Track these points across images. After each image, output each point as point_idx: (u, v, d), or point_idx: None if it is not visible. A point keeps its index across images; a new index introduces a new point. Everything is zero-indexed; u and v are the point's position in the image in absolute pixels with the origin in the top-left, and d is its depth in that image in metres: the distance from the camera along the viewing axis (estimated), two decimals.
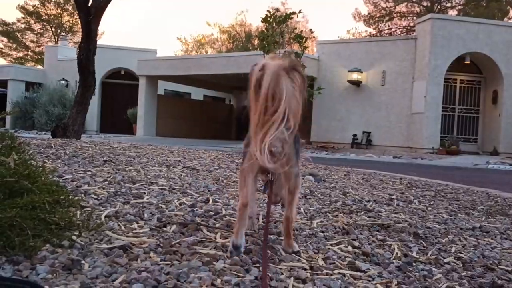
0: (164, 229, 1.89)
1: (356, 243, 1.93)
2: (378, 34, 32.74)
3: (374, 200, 3.35)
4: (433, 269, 1.69)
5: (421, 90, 17.02)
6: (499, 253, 2.03)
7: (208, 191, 2.98)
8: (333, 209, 2.79)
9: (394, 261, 1.74)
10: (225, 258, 1.57)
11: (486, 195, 4.79)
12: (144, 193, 2.58)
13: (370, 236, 2.11)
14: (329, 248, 1.83)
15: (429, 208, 3.26)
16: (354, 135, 18.74)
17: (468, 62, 17.26)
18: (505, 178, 9.31)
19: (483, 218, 3.09)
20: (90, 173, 3.09)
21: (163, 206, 2.32)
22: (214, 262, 1.51)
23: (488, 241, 2.28)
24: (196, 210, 2.31)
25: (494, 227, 2.72)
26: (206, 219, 2.13)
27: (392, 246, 1.94)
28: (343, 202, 3.11)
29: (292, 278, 1.43)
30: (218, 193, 2.92)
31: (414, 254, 1.87)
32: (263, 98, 1.42)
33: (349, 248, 1.86)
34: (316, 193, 3.41)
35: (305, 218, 2.43)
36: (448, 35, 16.72)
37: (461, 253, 1.98)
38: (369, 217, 2.67)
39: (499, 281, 1.56)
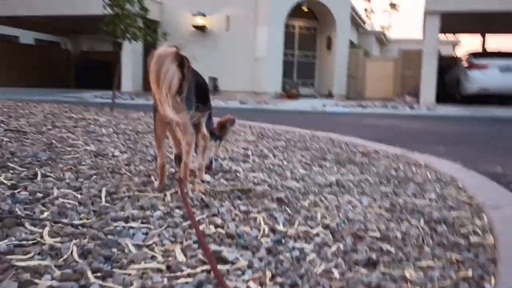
0: None
1: (219, 220, 1.69)
2: None
3: (230, 157, 3.16)
4: (304, 245, 1.52)
5: (263, 35, 17.33)
6: (362, 214, 1.96)
7: (37, 161, 2.45)
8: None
9: (262, 240, 1.54)
10: (53, 270, 1.19)
11: (330, 140, 4.96)
12: None
13: (232, 208, 1.88)
14: (188, 233, 1.55)
15: (285, 163, 3.17)
16: None
17: (306, 9, 17.96)
18: (340, 119, 10.00)
19: (335, 170, 3.10)
20: None
21: None
22: (37, 280, 1.12)
23: (348, 200, 2.23)
24: (18, 193, 1.83)
25: (348, 180, 2.72)
26: (31, 207, 1.68)
27: (258, 220, 1.74)
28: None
29: None
30: (50, 164, 2.42)
31: (281, 227, 1.69)
32: (152, 76, 1.86)
33: (212, 228, 1.61)
34: None
35: (157, 192, 2.10)
36: None
37: (326, 218, 1.86)
38: (227, 180, 2.45)
39: (374, 255, 1.45)
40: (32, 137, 3.23)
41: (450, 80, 16.22)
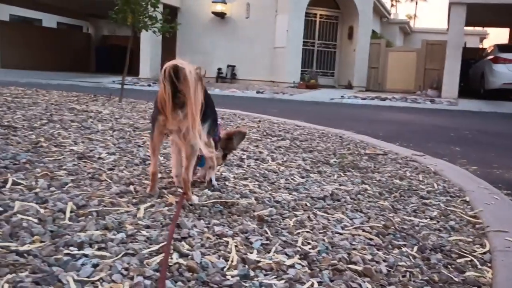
0: None
1: (186, 246, 1.54)
2: None
3: None
4: (274, 282, 1.36)
5: (283, 24, 17.03)
6: (350, 239, 1.79)
7: (15, 164, 2.33)
8: (171, 183, 2.35)
9: (228, 273, 1.38)
10: None
11: (340, 139, 4.76)
12: None
13: (206, 229, 1.73)
14: (146, 264, 1.40)
15: (282, 168, 3.00)
16: (219, 69, 18.38)
17: None
18: (357, 112, 9.75)
19: (335, 177, 2.92)
20: None
21: None
22: None
23: (338, 218, 2.06)
24: None
25: (345, 192, 2.54)
26: None
27: (230, 245, 1.59)
28: None
29: None
30: (27, 168, 2.30)
31: (254, 255, 1.54)
32: (187, 94, 1.83)
33: (174, 258, 1.46)
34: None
35: (132, 204, 1.96)
36: None
37: (308, 243, 1.70)
38: (212, 191, 2.30)
39: None
40: (21, 134, 3.12)
41: (474, 73, 15.71)
